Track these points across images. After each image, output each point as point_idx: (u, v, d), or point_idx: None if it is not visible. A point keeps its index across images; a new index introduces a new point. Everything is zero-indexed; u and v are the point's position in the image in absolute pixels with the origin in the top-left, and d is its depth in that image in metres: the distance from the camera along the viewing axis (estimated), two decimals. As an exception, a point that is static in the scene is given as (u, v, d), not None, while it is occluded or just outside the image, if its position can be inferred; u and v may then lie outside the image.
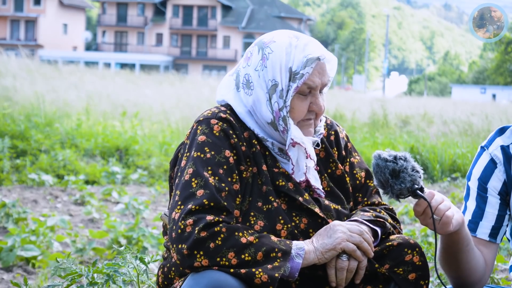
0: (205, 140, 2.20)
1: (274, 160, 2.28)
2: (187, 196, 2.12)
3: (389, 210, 2.42)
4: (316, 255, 2.13)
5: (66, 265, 2.61)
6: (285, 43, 2.25)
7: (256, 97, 2.26)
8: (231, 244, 2.07)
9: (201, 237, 2.06)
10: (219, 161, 2.18)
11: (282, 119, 2.24)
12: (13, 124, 10.96)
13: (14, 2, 65.65)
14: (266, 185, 2.23)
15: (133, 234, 5.58)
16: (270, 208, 2.21)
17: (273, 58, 2.24)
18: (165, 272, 2.27)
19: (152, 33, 70.07)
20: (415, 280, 2.24)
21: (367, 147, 12.47)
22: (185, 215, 2.09)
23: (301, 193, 2.26)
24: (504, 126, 2.52)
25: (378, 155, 2.23)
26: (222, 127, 2.21)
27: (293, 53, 2.24)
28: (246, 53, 2.33)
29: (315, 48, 2.26)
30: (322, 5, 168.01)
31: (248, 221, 2.19)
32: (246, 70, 2.29)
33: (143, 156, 10.68)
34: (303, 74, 2.22)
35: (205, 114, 2.26)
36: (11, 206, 6.27)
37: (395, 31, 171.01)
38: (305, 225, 2.24)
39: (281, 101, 2.23)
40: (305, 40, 2.27)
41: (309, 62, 2.22)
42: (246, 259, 2.06)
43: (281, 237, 2.19)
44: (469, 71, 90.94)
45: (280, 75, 2.23)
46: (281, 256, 2.08)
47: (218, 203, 2.11)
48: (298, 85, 2.22)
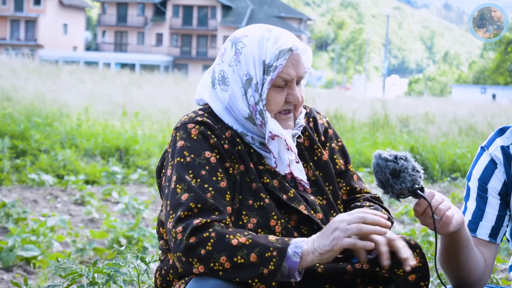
0: (184, 145, 2.19)
1: (259, 158, 2.27)
2: (175, 204, 2.12)
3: (376, 199, 2.41)
4: (314, 256, 2.07)
5: (67, 265, 2.61)
6: (257, 37, 2.25)
7: (232, 92, 2.25)
8: (221, 247, 2.04)
9: (190, 243, 2.04)
10: (200, 163, 2.16)
11: (259, 112, 2.22)
12: (13, 124, 10.96)
13: (14, 2, 65.67)
14: (255, 182, 2.22)
15: (134, 234, 5.58)
16: (262, 205, 2.19)
17: (246, 52, 2.23)
18: (163, 274, 2.26)
19: (152, 33, 70.08)
20: (415, 281, 2.21)
21: (367, 147, 12.48)
22: (175, 223, 2.08)
23: (286, 190, 2.24)
24: (504, 127, 2.52)
25: (378, 154, 2.23)
26: (199, 130, 2.20)
27: (266, 46, 2.23)
28: (221, 49, 2.33)
29: (287, 40, 2.24)
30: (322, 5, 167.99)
31: (241, 219, 2.18)
32: (221, 67, 2.28)
33: (143, 156, 10.68)
34: (276, 66, 2.20)
35: (182, 120, 2.26)
36: (11, 206, 6.27)
37: (395, 31, 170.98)
38: (295, 222, 2.23)
39: (257, 95, 2.22)
40: (277, 32, 2.26)
41: (282, 53, 2.21)
42: (239, 261, 2.02)
43: (276, 233, 2.17)
44: (469, 71, 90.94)
45: (254, 69, 2.22)
46: (276, 255, 2.03)
47: (205, 203, 2.10)
48: (272, 78, 2.21)
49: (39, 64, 25.23)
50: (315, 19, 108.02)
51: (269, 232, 2.17)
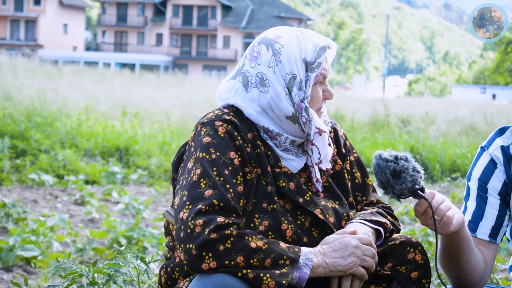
0: (210, 141, 2.19)
1: (276, 160, 2.27)
2: (196, 197, 2.11)
3: (387, 208, 2.44)
4: (324, 270, 2.13)
5: (67, 265, 2.61)
6: (292, 37, 2.29)
7: (274, 92, 2.26)
8: (240, 248, 2.06)
9: (211, 238, 2.04)
10: (225, 162, 2.17)
11: (304, 110, 2.26)
12: (13, 124, 10.96)
13: (14, 2, 65.66)
14: (271, 185, 2.23)
15: (133, 234, 5.58)
16: (275, 208, 2.21)
17: (286, 52, 2.26)
18: (168, 272, 2.26)
19: (152, 33, 70.07)
20: (417, 279, 2.25)
21: (367, 147, 12.49)
22: (194, 215, 2.07)
23: (303, 193, 2.25)
24: (504, 127, 2.52)
25: (379, 155, 2.23)
26: (227, 129, 2.21)
27: (303, 44, 2.28)
28: (251, 53, 2.32)
29: (319, 37, 2.31)
30: (322, 5, 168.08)
31: (253, 222, 2.18)
32: (258, 69, 2.28)
33: (143, 156, 10.68)
34: (320, 63, 2.27)
35: (209, 117, 2.25)
36: (11, 206, 6.27)
37: (395, 31, 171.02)
38: (309, 223, 2.24)
39: (301, 93, 2.26)
40: (307, 32, 2.33)
41: (321, 50, 2.28)
42: (254, 264, 2.05)
43: (287, 236, 2.18)
44: (469, 71, 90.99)
45: (296, 67, 2.26)
46: (289, 264, 2.08)
47: (227, 203, 2.10)
48: (317, 74, 2.27)
49: (39, 64, 25.24)
50: (315, 19, 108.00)
51: (279, 235, 2.18)
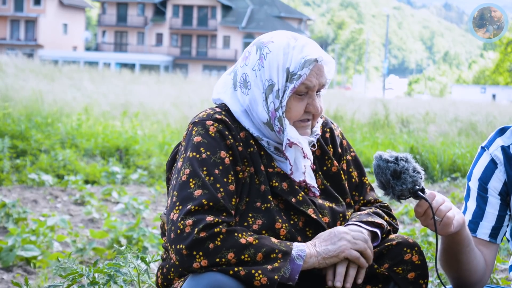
0: (201, 141, 2.19)
1: (269, 160, 2.27)
2: (185, 197, 2.12)
3: (385, 208, 2.43)
4: (317, 259, 2.13)
5: (67, 265, 2.61)
6: (283, 44, 2.25)
7: (252, 96, 2.25)
8: (230, 244, 2.06)
9: (201, 237, 2.05)
10: (215, 162, 2.17)
11: (278, 119, 2.23)
12: (13, 124, 10.96)
13: (14, 2, 65.66)
14: (264, 184, 2.23)
15: (134, 234, 5.58)
16: (269, 207, 2.20)
17: (271, 58, 2.24)
18: (164, 272, 2.27)
19: (152, 33, 70.07)
20: (414, 279, 2.25)
21: (367, 147, 12.49)
22: (184, 216, 2.08)
23: (295, 193, 2.25)
24: (504, 127, 2.52)
25: (379, 156, 2.23)
26: (217, 128, 2.21)
27: (291, 54, 2.24)
28: (244, 52, 2.33)
29: (313, 50, 2.25)
30: (322, 5, 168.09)
31: (246, 221, 2.18)
32: (244, 70, 2.28)
33: (143, 156, 10.69)
34: (300, 75, 2.21)
35: (200, 116, 2.26)
36: (11, 206, 6.27)
37: (395, 31, 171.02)
38: (303, 223, 2.24)
39: (277, 101, 2.23)
40: (303, 41, 2.27)
41: (307, 63, 2.22)
42: (246, 259, 2.06)
43: (280, 235, 2.18)
44: (469, 71, 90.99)
45: (277, 75, 2.23)
46: (281, 257, 2.07)
47: (217, 203, 2.11)
48: (295, 86, 2.21)
49: (39, 64, 25.24)
50: (315, 19, 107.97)
51: (273, 234, 2.18)
